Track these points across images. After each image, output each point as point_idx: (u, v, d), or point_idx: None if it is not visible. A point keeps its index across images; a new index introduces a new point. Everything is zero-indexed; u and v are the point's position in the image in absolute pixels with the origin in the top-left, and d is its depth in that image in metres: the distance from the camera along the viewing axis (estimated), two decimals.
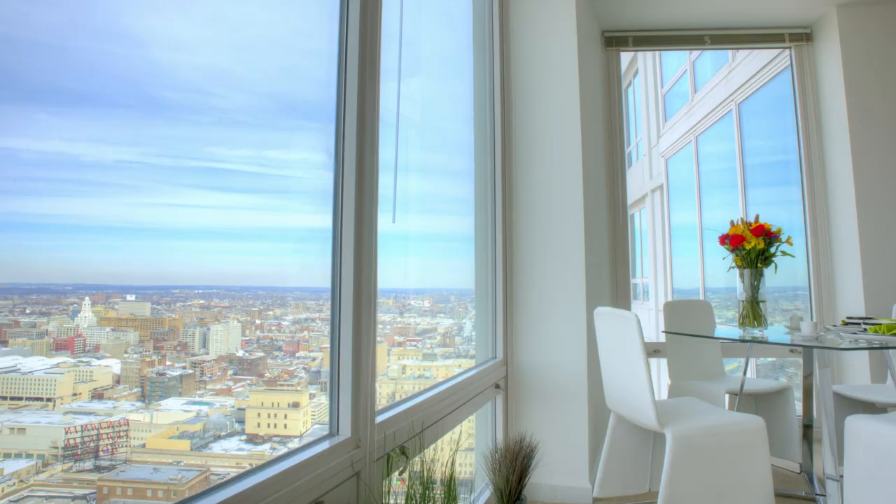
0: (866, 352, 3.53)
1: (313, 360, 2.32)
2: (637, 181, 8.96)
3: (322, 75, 1.60)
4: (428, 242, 2.79)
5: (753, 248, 2.99)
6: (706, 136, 5.94)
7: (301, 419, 1.79)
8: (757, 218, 3.11)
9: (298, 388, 2.05)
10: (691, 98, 6.41)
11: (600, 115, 3.99)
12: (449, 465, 1.59)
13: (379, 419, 1.65)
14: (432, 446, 2.39)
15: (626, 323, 2.43)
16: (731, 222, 3.14)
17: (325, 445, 1.36)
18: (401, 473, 1.66)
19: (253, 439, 1.58)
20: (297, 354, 2.24)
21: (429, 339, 2.82)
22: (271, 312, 2.17)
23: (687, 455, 2.29)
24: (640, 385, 2.41)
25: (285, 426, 1.69)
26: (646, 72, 8.48)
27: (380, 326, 2.82)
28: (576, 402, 2.92)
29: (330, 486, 1.34)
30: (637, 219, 9.40)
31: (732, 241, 3.04)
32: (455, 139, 3.05)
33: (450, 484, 1.50)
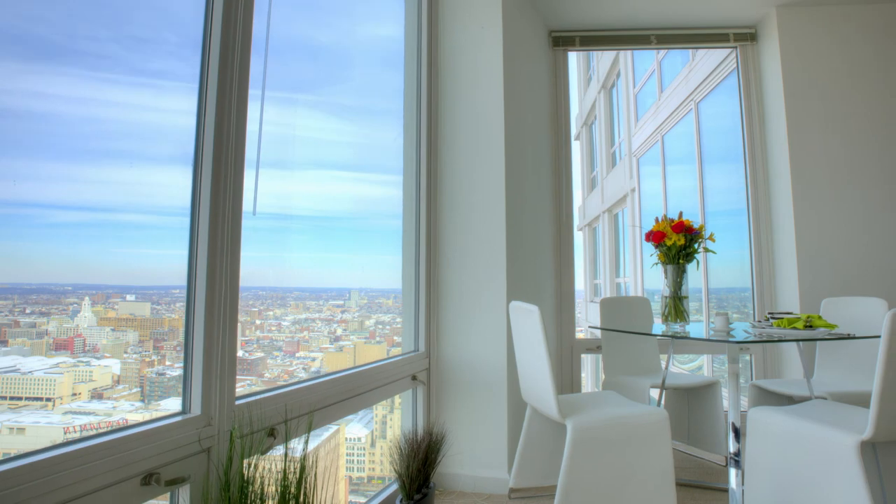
0: (800, 347, 3.55)
1: (313, 360, 2.36)
2: (619, 181, 8.98)
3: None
4: (358, 242, 2.88)
5: (674, 244, 3.04)
6: (671, 136, 5.97)
7: None
8: (681, 215, 3.16)
9: None
10: (658, 97, 6.44)
11: (545, 115, 4.05)
12: (304, 441, 1.67)
13: (247, 400, 1.74)
14: (333, 434, 2.46)
15: (531, 316, 2.50)
16: (656, 219, 3.18)
17: (166, 421, 1.45)
18: (264, 453, 1.74)
19: None
20: (297, 354, 2.24)
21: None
22: (271, 312, 2.16)
23: (585, 445, 2.35)
24: (544, 377, 2.47)
25: None
26: (626, 73, 8.51)
27: (379, 326, 2.90)
28: (495, 395, 2.99)
29: (168, 459, 1.43)
30: (620, 219, 9.42)
31: (655, 237, 3.10)
32: (385, 131, 3.14)
33: (302, 471, 1.58)
